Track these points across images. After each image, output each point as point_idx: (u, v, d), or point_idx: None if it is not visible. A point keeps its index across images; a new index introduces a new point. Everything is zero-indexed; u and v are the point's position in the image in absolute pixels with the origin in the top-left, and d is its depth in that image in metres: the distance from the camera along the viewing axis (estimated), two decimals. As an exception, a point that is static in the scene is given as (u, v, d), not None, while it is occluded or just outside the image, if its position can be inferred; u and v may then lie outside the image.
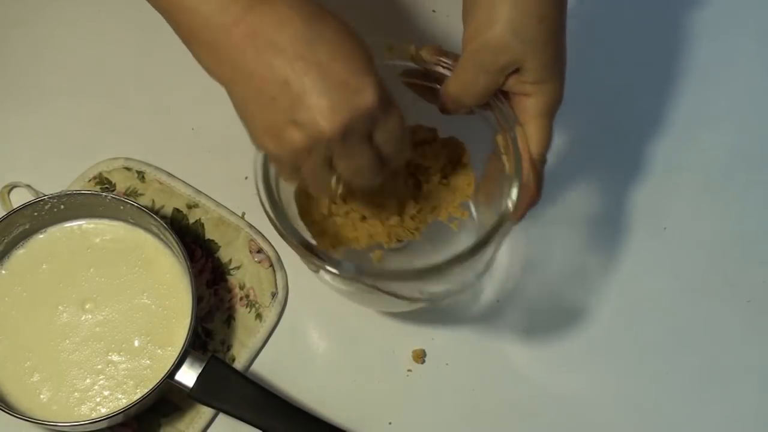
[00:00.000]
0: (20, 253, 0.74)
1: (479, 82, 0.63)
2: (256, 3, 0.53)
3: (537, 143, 0.64)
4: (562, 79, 0.63)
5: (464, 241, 0.70)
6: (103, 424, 0.68)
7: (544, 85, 0.62)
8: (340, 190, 0.60)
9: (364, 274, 0.63)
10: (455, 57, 0.66)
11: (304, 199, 0.70)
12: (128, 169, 0.78)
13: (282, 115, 0.54)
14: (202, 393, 0.67)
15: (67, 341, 0.71)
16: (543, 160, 0.65)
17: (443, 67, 0.66)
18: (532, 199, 0.64)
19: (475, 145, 0.72)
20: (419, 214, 0.71)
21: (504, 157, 0.65)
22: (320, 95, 0.53)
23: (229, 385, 0.67)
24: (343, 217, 0.71)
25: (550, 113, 0.63)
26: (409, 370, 0.75)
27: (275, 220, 0.64)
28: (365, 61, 0.55)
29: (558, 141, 0.82)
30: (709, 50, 0.87)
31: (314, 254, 0.63)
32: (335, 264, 0.62)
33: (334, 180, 0.59)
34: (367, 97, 0.54)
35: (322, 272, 0.65)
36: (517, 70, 0.62)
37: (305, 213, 0.70)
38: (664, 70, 0.86)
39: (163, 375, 0.67)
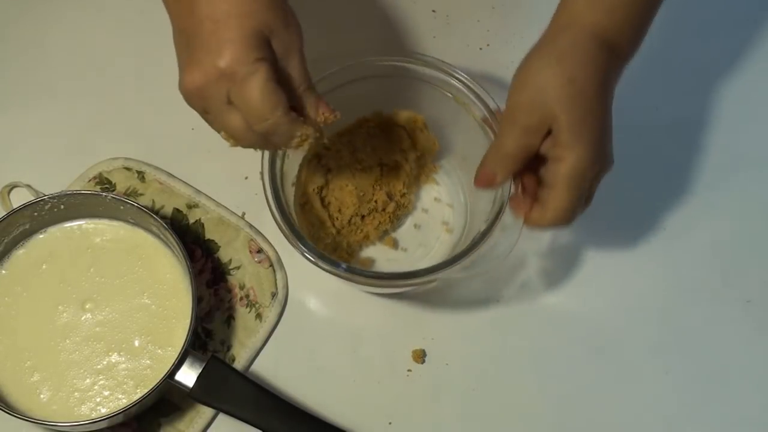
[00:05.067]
0: (20, 253, 0.73)
1: (517, 143, 0.64)
2: None
3: (553, 208, 0.64)
4: (594, 142, 0.63)
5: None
6: (103, 424, 0.68)
7: (572, 150, 0.62)
8: (229, 142, 0.63)
9: (356, 274, 0.68)
10: None
11: (311, 229, 0.75)
12: (128, 169, 0.78)
13: (180, 60, 0.61)
14: (202, 393, 0.67)
15: (67, 341, 0.71)
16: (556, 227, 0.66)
17: None
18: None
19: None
20: (408, 190, 0.77)
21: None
22: (193, 53, 0.59)
23: (229, 385, 0.67)
24: (348, 226, 0.76)
25: (576, 178, 0.63)
26: (409, 370, 0.75)
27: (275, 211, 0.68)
28: (243, 25, 0.58)
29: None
30: (709, 50, 0.87)
31: (320, 257, 0.68)
32: (333, 264, 0.67)
33: (223, 133, 0.63)
34: (217, 61, 0.58)
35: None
36: (549, 133, 0.63)
37: (316, 240, 0.75)
38: (664, 70, 0.86)
39: (163, 375, 0.67)
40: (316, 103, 0.62)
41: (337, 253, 0.75)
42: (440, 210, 0.79)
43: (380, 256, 0.77)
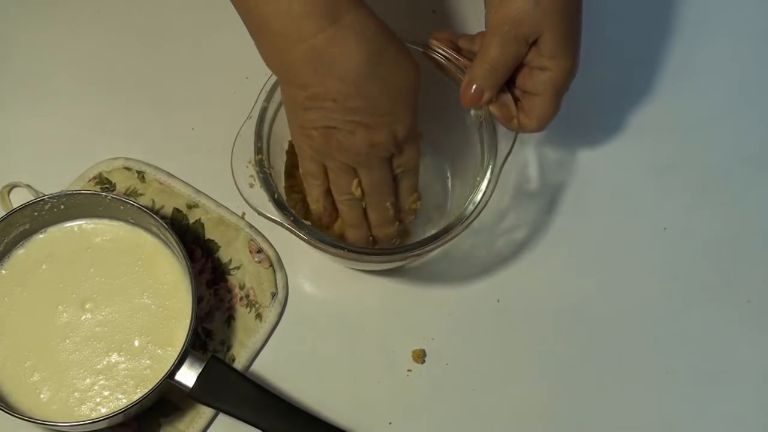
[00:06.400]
0: (20, 253, 0.73)
1: (505, 53, 0.66)
2: (328, 26, 0.59)
3: (540, 116, 0.67)
4: (576, 55, 0.67)
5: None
6: (103, 424, 0.68)
7: (558, 60, 0.66)
8: (357, 193, 0.67)
9: (339, 248, 0.68)
10: (468, 46, 0.70)
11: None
12: (128, 169, 0.78)
13: (322, 121, 0.62)
14: (202, 393, 0.67)
15: (67, 341, 0.71)
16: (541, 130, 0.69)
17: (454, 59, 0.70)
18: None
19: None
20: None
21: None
22: (361, 120, 0.62)
23: (229, 385, 0.67)
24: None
25: (561, 87, 0.67)
26: (409, 370, 0.75)
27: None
28: (408, 98, 0.63)
29: (558, 140, 0.82)
30: (709, 49, 0.87)
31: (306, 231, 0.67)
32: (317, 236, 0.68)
33: (354, 183, 0.66)
34: (400, 129, 0.63)
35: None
36: (534, 43, 0.65)
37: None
38: (664, 70, 0.86)
39: (163, 375, 0.67)
40: None
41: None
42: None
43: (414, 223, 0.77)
